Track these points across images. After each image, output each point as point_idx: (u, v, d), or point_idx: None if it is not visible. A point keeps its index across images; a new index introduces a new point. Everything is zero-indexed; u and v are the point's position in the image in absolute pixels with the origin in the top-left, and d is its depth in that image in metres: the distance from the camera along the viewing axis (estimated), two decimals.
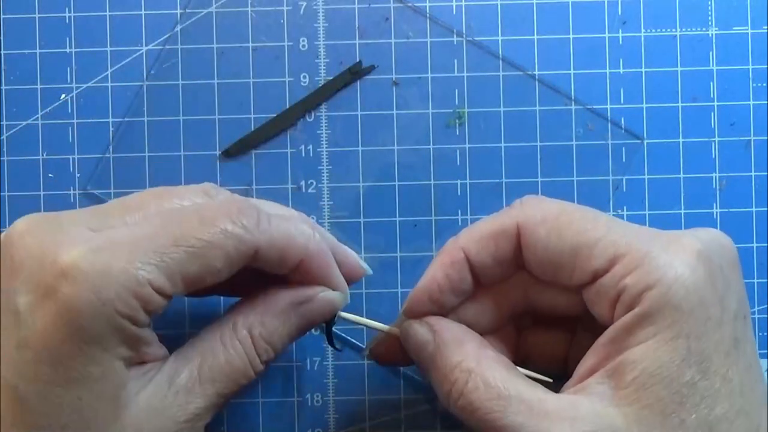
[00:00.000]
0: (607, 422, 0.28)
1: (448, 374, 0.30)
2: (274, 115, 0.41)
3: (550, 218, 0.31)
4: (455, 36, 0.41)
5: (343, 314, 0.34)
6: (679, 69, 0.41)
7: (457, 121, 0.41)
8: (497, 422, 0.29)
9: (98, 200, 0.41)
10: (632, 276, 0.29)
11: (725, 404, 0.28)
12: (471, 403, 0.29)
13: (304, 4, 0.41)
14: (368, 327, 0.35)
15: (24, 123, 0.41)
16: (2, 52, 0.41)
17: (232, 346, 0.31)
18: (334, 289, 0.33)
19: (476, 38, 0.41)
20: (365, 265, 0.35)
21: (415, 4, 0.41)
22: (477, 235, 0.32)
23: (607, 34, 0.41)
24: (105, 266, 0.27)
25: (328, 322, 0.34)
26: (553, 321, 0.34)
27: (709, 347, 0.28)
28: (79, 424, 0.27)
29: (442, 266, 0.32)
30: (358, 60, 0.41)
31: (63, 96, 0.41)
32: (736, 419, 0.28)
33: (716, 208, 0.41)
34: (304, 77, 0.41)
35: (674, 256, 0.29)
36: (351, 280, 0.34)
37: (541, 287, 0.33)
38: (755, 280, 0.40)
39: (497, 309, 0.34)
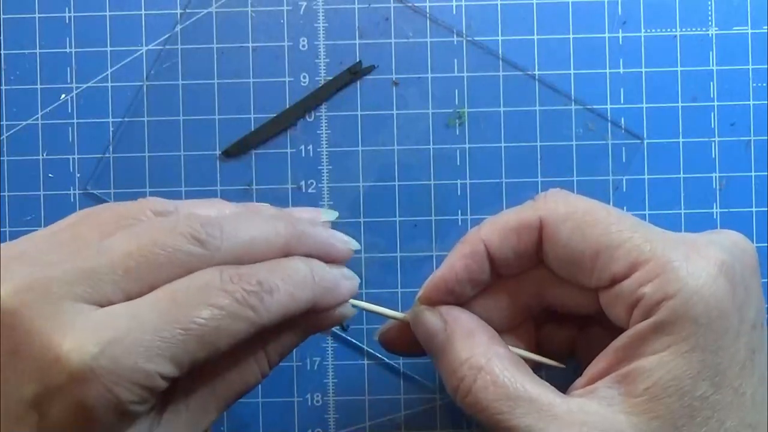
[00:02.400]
0: (616, 428, 0.28)
1: (456, 369, 0.30)
2: (274, 115, 0.41)
3: (575, 216, 0.30)
4: (455, 36, 0.41)
5: (354, 302, 0.33)
6: (679, 69, 0.41)
7: (457, 121, 0.41)
8: (505, 423, 0.28)
9: (98, 200, 0.41)
10: (652, 284, 0.28)
11: (735, 418, 0.28)
12: (479, 401, 0.29)
13: (304, 4, 0.41)
14: (380, 314, 0.34)
15: (24, 123, 0.41)
16: (2, 52, 0.41)
17: (247, 363, 0.30)
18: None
19: (476, 38, 0.41)
20: (353, 243, 0.33)
21: (415, 4, 0.41)
22: (499, 227, 0.32)
23: (607, 34, 0.41)
24: (115, 365, 0.25)
25: None
26: (565, 316, 0.34)
27: (725, 361, 0.28)
28: None
29: (462, 256, 0.32)
30: (358, 60, 0.41)
31: (63, 96, 0.41)
32: None
33: (716, 208, 0.41)
34: (304, 77, 0.41)
35: (696, 266, 0.28)
36: (343, 261, 0.33)
37: (557, 285, 0.32)
38: None
39: (511, 305, 0.33)
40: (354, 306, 0.33)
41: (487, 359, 0.30)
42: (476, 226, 0.33)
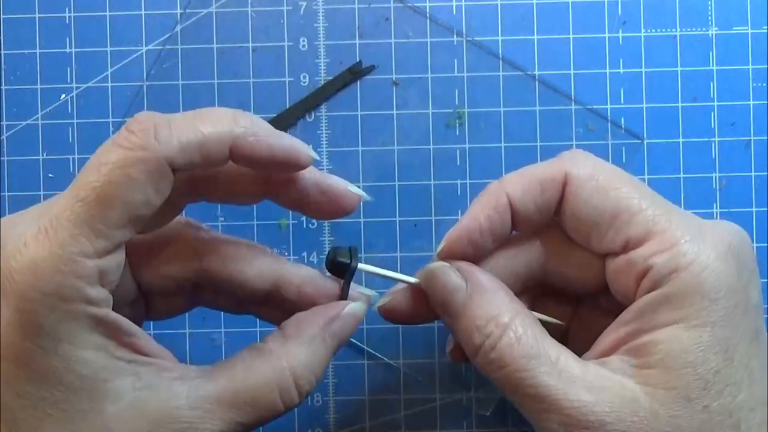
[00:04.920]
0: (632, 396, 0.28)
1: (482, 326, 0.30)
2: (274, 115, 0.41)
3: (600, 176, 0.31)
4: (455, 36, 0.41)
5: (363, 266, 0.32)
6: (679, 69, 0.41)
7: (457, 121, 0.41)
8: (526, 380, 0.28)
9: None
10: (664, 255, 0.29)
11: (746, 393, 0.28)
12: (503, 358, 0.29)
13: (304, 4, 0.41)
14: (388, 278, 0.33)
15: (24, 123, 0.41)
16: (2, 52, 0.41)
17: (263, 374, 0.29)
18: (303, 158, 0.30)
19: (476, 38, 0.41)
20: (358, 190, 0.33)
21: (415, 4, 0.41)
22: (524, 180, 0.32)
23: (607, 34, 0.41)
24: (32, 259, 0.26)
25: (346, 278, 0.32)
26: (559, 297, 0.34)
27: (735, 336, 0.28)
28: (55, 419, 0.27)
29: (485, 208, 0.32)
30: (358, 60, 0.41)
31: (63, 96, 0.41)
32: (754, 408, 0.28)
33: (716, 208, 0.41)
34: (304, 77, 0.41)
35: (708, 244, 0.29)
36: (346, 211, 0.32)
37: (562, 254, 0.33)
38: None
39: (514, 274, 0.33)
40: (362, 270, 0.33)
41: (512, 317, 0.30)
42: (497, 180, 0.32)
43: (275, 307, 0.33)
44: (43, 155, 0.41)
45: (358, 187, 0.40)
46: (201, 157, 0.28)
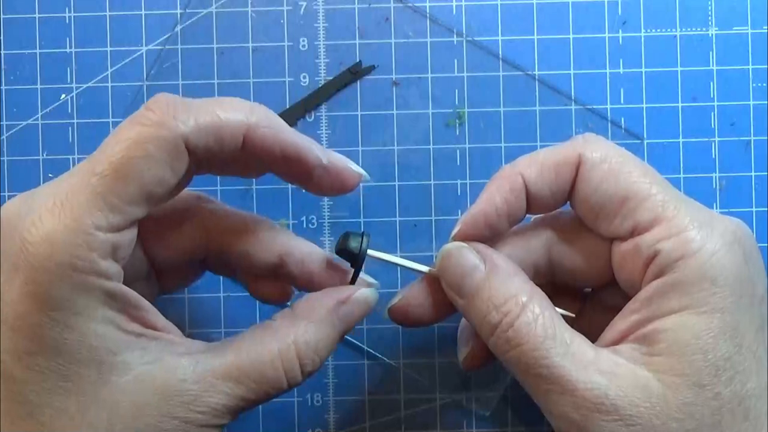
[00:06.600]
0: (643, 383, 0.28)
1: (500, 305, 0.30)
2: None
3: (612, 160, 0.31)
4: (455, 36, 0.41)
5: (372, 252, 0.32)
6: (679, 69, 0.41)
7: (457, 121, 0.41)
8: (541, 360, 0.29)
9: None
10: (671, 240, 0.29)
11: (755, 380, 0.28)
12: (519, 336, 0.29)
13: (304, 4, 0.41)
14: (400, 265, 0.33)
15: (24, 123, 0.41)
16: (2, 52, 0.41)
17: (270, 350, 0.30)
18: (311, 158, 0.31)
19: (476, 38, 0.41)
20: (359, 169, 0.33)
21: (415, 4, 0.41)
22: (538, 163, 0.32)
23: (607, 34, 0.41)
24: (48, 231, 0.26)
25: (356, 265, 0.32)
26: (562, 297, 0.34)
27: (743, 324, 0.28)
28: (64, 391, 0.27)
29: (501, 191, 0.32)
30: (358, 60, 0.41)
31: (63, 96, 0.41)
32: (762, 395, 0.29)
33: (716, 208, 0.41)
34: (304, 77, 0.41)
35: (716, 232, 0.29)
36: (347, 187, 0.32)
37: (568, 245, 0.33)
38: None
39: (524, 262, 0.33)
40: (372, 257, 0.33)
41: (530, 297, 0.30)
42: (509, 164, 0.33)
43: (282, 279, 0.34)
44: (43, 155, 0.41)
45: (358, 189, 0.41)
46: (215, 140, 0.29)
